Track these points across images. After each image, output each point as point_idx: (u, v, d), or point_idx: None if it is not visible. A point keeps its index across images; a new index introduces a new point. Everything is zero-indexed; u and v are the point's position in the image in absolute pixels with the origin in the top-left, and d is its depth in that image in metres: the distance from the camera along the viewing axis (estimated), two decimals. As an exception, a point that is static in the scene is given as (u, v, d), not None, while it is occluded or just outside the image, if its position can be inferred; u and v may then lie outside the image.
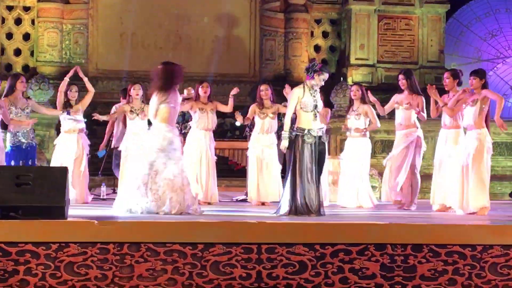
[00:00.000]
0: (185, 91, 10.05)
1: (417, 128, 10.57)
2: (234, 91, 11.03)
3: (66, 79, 11.15)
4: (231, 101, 11.17)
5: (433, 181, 10.31)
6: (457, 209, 9.60)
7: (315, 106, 8.85)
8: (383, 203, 11.48)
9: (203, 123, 11.18)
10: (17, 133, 10.56)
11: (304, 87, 8.88)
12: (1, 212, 6.75)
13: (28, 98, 11.08)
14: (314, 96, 8.85)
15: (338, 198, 11.22)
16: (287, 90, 10.12)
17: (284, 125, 8.84)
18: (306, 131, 8.74)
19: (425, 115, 10.42)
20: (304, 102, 8.79)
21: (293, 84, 11.28)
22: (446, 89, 10.16)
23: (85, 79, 11.31)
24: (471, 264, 6.90)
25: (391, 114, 11.01)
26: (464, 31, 22.22)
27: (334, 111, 14.60)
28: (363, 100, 11.00)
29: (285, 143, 8.75)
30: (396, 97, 10.74)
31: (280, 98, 11.56)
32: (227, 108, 11.24)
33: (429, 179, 10.69)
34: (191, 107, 11.13)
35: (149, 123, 11.19)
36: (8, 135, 10.54)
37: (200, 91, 11.19)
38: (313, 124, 8.80)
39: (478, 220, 8.37)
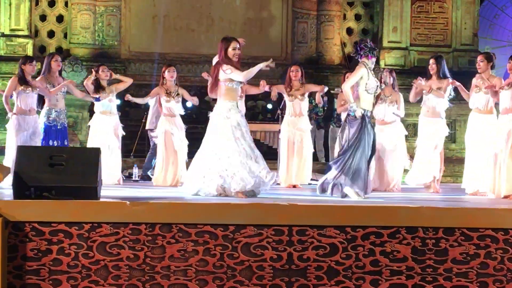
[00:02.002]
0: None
1: (442, 117, 10.58)
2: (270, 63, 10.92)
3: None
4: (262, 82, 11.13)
5: (466, 165, 10.26)
6: (489, 193, 9.54)
7: (377, 88, 8.88)
8: (414, 187, 11.43)
9: None
10: (51, 113, 10.64)
11: (365, 67, 8.85)
12: (34, 192, 6.80)
13: (64, 78, 11.15)
14: (375, 78, 8.86)
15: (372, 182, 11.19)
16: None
17: (349, 97, 8.79)
18: (367, 112, 8.77)
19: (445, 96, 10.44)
20: (369, 84, 8.80)
21: (325, 67, 11.30)
22: (479, 72, 10.08)
23: (118, 76, 11.37)
24: (504, 248, 6.86)
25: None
26: (499, 14, 21.98)
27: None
28: (393, 87, 10.98)
29: (359, 112, 8.73)
30: (424, 87, 10.72)
31: (312, 81, 11.54)
32: (257, 90, 11.22)
33: (461, 163, 10.63)
34: None
35: (184, 105, 11.27)
36: (42, 115, 10.62)
37: None
38: (372, 107, 8.85)
39: (511, 204, 8.31)
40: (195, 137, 12.88)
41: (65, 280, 6.61)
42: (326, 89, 11.27)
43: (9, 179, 7.81)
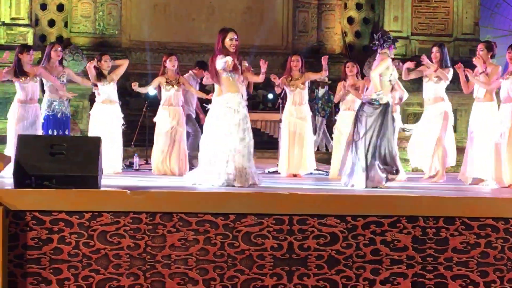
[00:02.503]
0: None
1: (445, 101, 10.55)
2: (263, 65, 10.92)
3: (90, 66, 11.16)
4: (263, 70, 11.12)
5: (466, 154, 10.25)
6: (490, 182, 9.54)
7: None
8: (415, 176, 11.43)
9: None
10: (53, 103, 10.63)
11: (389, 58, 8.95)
12: (35, 181, 6.80)
13: (64, 67, 11.13)
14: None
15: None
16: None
17: (376, 86, 8.83)
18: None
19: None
20: (394, 74, 8.94)
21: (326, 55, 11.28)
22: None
23: (117, 62, 11.31)
24: (504, 238, 6.87)
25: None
26: (500, 3, 21.95)
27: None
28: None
29: (385, 100, 8.83)
30: (425, 70, 10.71)
31: (312, 71, 11.52)
32: (258, 78, 11.19)
33: (462, 152, 10.63)
34: None
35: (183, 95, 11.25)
36: (44, 104, 10.61)
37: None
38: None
39: (512, 193, 8.32)
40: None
41: (65, 269, 6.63)
42: (326, 74, 11.24)
43: (10, 168, 7.82)
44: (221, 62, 8.58)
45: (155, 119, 11.38)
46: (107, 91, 11.13)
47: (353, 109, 11.09)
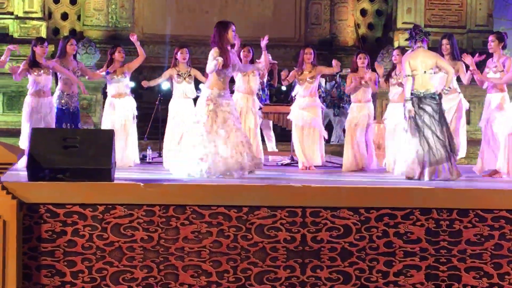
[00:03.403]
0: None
1: (459, 93, 10.51)
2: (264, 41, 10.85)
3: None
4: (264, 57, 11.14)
5: (481, 146, 10.22)
6: (504, 174, 9.51)
7: None
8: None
9: (244, 86, 11.20)
10: (64, 96, 10.65)
11: None
12: (49, 174, 6.82)
13: (78, 61, 11.15)
14: None
15: (386, 162, 11.17)
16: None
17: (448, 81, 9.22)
18: None
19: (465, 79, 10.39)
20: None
21: (339, 49, 11.27)
22: (490, 51, 10.05)
23: (137, 44, 11.27)
24: (518, 230, 6.86)
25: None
26: (514, -6, 21.84)
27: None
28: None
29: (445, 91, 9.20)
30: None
31: (325, 63, 11.51)
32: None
33: (476, 144, 10.60)
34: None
35: (196, 87, 11.26)
36: (55, 97, 10.63)
37: (242, 55, 11.17)
38: None
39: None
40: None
41: (79, 261, 6.65)
42: (338, 69, 11.21)
43: (23, 161, 7.85)
44: (212, 65, 8.69)
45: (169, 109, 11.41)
46: (119, 85, 11.13)
47: (364, 101, 11.08)
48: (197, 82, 11.46)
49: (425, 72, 9.07)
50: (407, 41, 10.12)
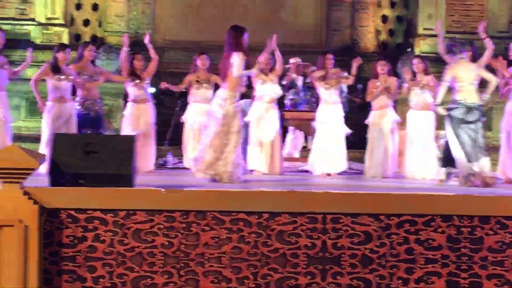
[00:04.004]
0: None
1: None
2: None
3: (124, 48, 11.27)
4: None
5: (501, 153, 10.16)
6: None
7: None
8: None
9: (264, 94, 11.19)
10: (86, 101, 10.70)
11: None
12: (70, 179, 6.85)
13: (96, 66, 11.21)
14: None
15: (403, 169, 11.14)
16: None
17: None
18: None
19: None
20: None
21: (359, 55, 11.24)
22: (511, 59, 10.01)
23: (150, 46, 11.35)
24: (540, 237, 6.81)
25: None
26: (536, 1, 21.71)
27: (400, 82, 14.48)
28: (426, 72, 10.93)
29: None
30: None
31: (346, 70, 11.49)
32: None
33: (497, 151, 10.54)
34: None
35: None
36: (76, 102, 10.67)
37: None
38: None
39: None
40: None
41: (100, 266, 6.67)
42: (352, 82, 11.22)
43: (45, 167, 7.88)
44: (244, 70, 8.84)
45: (183, 117, 11.44)
46: (140, 91, 11.17)
47: (385, 107, 11.07)
48: (216, 88, 11.49)
49: (470, 83, 9.13)
50: (428, 47, 10.09)
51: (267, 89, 11.17)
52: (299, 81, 12.99)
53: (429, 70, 11.04)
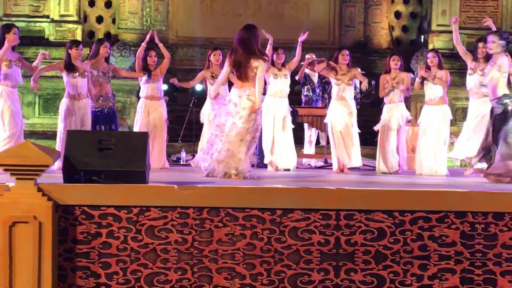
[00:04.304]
0: None
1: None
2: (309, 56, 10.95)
3: (143, 44, 11.31)
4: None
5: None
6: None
7: None
8: (461, 171, 11.33)
9: (275, 89, 11.20)
10: (99, 98, 10.72)
11: None
12: (84, 176, 6.87)
13: (109, 63, 11.24)
14: None
15: (416, 165, 11.12)
16: None
17: None
18: None
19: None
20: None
21: (373, 51, 11.23)
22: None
23: (161, 45, 11.42)
24: (554, 233, 6.79)
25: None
26: (550, -4, 21.60)
27: (414, 78, 14.46)
28: (440, 67, 10.90)
29: None
30: (471, 64, 10.62)
31: (359, 66, 11.48)
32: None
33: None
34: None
35: (229, 88, 11.31)
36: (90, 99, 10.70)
37: (275, 58, 11.20)
38: None
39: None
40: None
41: (114, 263, 6.69)
42: (367, 83, 11.18)
43: (59, 163, 7.90)
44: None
45: (201, 113, 11.46)
46: (153, 87, 11.20)
47: (396, 102, 11.05)
48: (230, 84, 11.50)
49: None
50: (441, 43, 10.05)
51: (280, 84, 11.18)
52: (315, 77, 12.98)
53: (443, 65, 11.00)
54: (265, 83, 11.15)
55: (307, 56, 11.90)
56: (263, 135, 10.90)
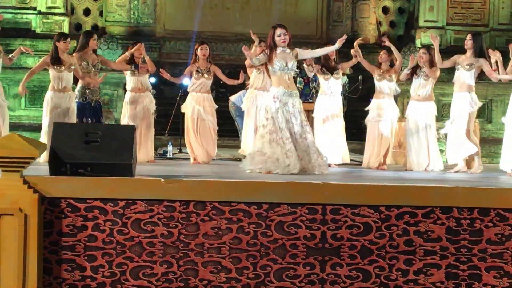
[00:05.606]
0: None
1: (472, 90, 10.47)
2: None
3: (127, 54, 11.24)
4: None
5: (503, 145, 10.15)
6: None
7: None
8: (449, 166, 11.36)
9: (259, 82, 11.23)
10: (86, 91, 10.68)
11: None
12: (70, 169, 6.86)
13: (98, 54, 11.21)
14: None
15: (409, 162, 11.12)
16: None
17: None
18: None
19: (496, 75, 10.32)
20: None
21: (360, 46, 11.22)
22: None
23: (147, 58, 11.30)
24: (539, 229, 6.82)
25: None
26: (537, -7, 21.68)
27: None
28: (431, 64, 10.88)
29: None
30: (457, 57, 10.64)
31: (346, 60, 11.48)
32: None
33: (497, 143, 10.55)
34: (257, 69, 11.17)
35: (219, 84, 11.32)
36: (77, 91, 10.66)
37: (258, 51, 11.18)
38: None
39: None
40: (227, 116, 12.92)
41: (100, 256, 6.68)
42: (359, 58, 11.18)
43: (45, 156, 7.88)
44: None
45: (182, 106, 11.43)
46: (139, 80, 11.18)
47: (383, 98, 11.06)
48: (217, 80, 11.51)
49: None
50: (429, 39, 10.08)
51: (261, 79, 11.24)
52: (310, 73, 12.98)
53: (434, 63, 10.98)
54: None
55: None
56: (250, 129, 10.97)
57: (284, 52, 9.10)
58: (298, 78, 12.81)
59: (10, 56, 10.42)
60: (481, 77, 10.68)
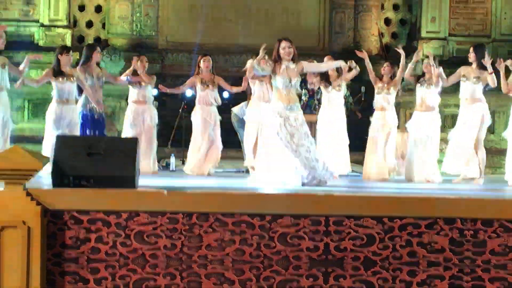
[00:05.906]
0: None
1: (482, 102, 10.45)
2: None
3: (127, 72, 11.28)
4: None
5: (507, 156, 10.13)
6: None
7: None
8: (450, 178, 11.36)
9: (262, 95, 11.24)
10: (90, 103, 10.69)
11: None
12: (73, 181, 6.86)
13: (101, 68, 11.23)
14: None
15: (412, 172, 11.09)
16: None
17: None
18: None
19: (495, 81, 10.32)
20: None
21: (362, 58, 11.22)
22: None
23: (140, 71, 11.29)
24: (543, 240, 6.80)
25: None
26: (539, 4, 21.69)
27: (403, 85, 14.50)
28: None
29: None
30: (463, 70, 10.63)
31: (349, 71, 11.49)
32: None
33: (500, 154, 10.54)
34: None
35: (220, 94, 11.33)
36: (79, 104, 10.67)
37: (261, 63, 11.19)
38: None
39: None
40: (231, 127, 12.92)
41: (103, 268, 6.67)
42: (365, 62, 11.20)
43: (48, 168, 7.88)
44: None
45: (192, 118, 11.44)
46: (141, 92, 11.20)
47: (386, 109, 11.06)
48: (221, 90, 11.52)
49: None
50: (431, 50, 10.09)
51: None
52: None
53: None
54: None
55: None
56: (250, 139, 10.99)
57: (288, 68, 9.09)
58: (303, 90, 12.84)
59: (20, 68, 10.40)
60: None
